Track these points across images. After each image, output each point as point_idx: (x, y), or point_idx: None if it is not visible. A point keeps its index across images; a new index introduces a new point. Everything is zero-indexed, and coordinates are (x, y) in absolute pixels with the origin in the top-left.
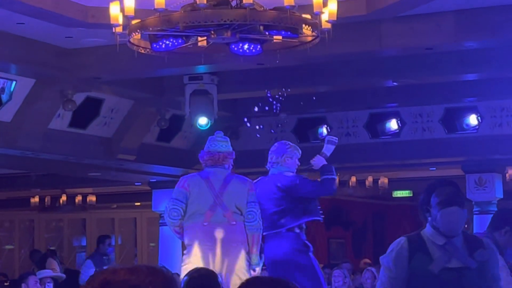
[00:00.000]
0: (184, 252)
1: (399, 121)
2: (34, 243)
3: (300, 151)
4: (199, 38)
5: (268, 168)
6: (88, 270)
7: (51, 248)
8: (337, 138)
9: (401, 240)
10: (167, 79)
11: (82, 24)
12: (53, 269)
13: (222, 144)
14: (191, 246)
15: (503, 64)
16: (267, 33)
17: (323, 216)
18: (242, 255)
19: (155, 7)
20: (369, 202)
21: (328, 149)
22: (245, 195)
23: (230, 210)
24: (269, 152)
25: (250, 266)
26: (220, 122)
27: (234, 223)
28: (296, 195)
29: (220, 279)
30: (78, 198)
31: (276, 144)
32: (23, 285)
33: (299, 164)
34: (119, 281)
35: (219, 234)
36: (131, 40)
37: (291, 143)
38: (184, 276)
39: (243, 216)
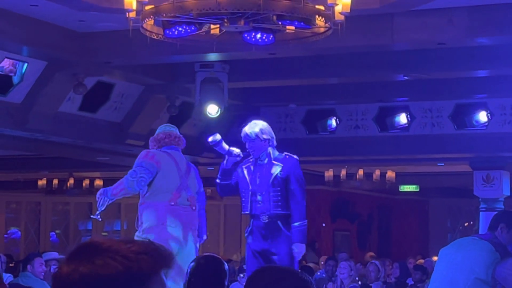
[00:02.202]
0: (145, 227)
1: (408, 116)
2: (40, 225)
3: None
4: (212, 26)
5: None
6: None
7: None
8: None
9: None
10: (178, 66)
11: (96, 8)
12: None
13: (173, 128)
14: (157, 225)
15: None
16: (280, 23)
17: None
18: (194, 241)
19: None
20: (375, 196)
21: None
22: (199, 185)
23: (192, 194)
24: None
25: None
26: (230, 111)
27: (194, 208)
28: None
29: (226, 266)
30: (86, 182)
31: None
32: (28, 266)
33: None
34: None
35: (183, 217)
36: (144, 25)
37: None
38: (191, 262)
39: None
